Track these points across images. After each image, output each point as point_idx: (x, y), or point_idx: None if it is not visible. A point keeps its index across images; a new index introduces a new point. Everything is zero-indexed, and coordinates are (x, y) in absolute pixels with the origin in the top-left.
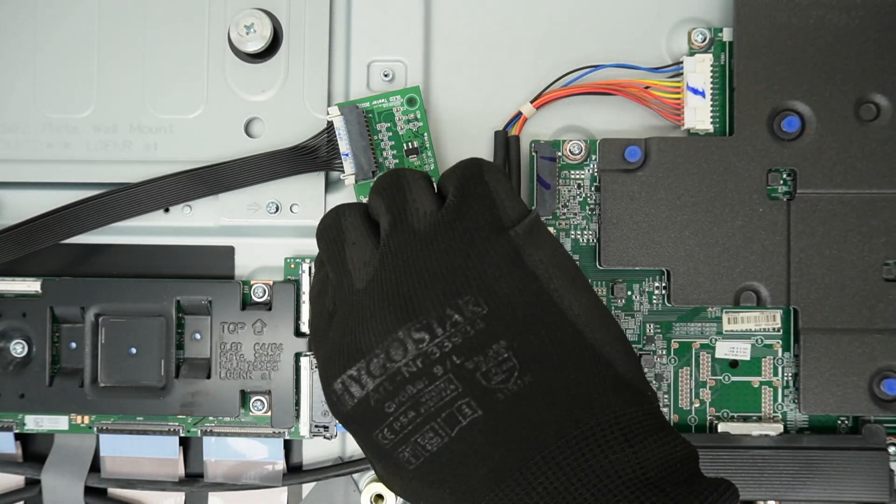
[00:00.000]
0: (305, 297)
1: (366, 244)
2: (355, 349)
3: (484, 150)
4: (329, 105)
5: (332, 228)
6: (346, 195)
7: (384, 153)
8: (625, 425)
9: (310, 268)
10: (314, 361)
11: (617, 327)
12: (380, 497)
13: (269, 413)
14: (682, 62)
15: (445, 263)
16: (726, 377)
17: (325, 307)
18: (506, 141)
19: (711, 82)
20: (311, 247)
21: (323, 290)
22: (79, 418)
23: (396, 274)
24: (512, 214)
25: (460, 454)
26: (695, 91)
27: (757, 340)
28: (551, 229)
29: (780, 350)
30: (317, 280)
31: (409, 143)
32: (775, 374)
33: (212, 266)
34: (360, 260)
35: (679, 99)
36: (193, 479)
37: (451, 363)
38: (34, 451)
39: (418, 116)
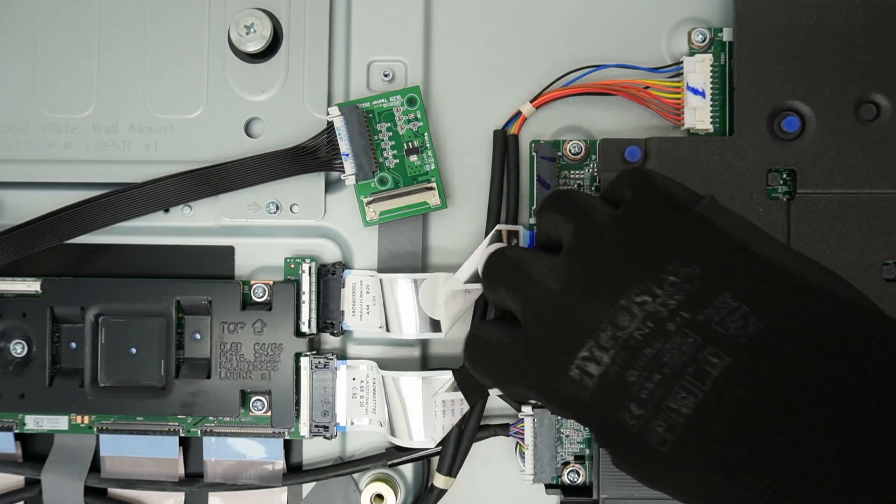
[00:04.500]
0: (305, 297)
1: (543, 257)
2: (579, 331)
3: (484, 149)
4: (329, 105)
5: (499, 261)
6: (346, 195)
7: (384, 153)
8: None
9: (309, 268)
10: (314, 361)
11: (827, 269)
12: (380, 497)
13: (269, 413)
14: (682, 62)
15: (641, 241)
16: None
17: (511, 336)
18: (504, 139)
19: (711, 82)
20: (310, 247)
21: (502, 328)
22: (79, 418)
23: (594, 259)
24: (690, 199)
25: (722, 410)
26: (695, 91)
27: None
28: None
29: None
30: (492, 324)
31: (410, 143)
32: None
33: (212, 266)
34: (543, 268)
35: (679, 99)
36: (193, 479)
37: (681, 318)
38: (34, 451)
39: (418, 116)
